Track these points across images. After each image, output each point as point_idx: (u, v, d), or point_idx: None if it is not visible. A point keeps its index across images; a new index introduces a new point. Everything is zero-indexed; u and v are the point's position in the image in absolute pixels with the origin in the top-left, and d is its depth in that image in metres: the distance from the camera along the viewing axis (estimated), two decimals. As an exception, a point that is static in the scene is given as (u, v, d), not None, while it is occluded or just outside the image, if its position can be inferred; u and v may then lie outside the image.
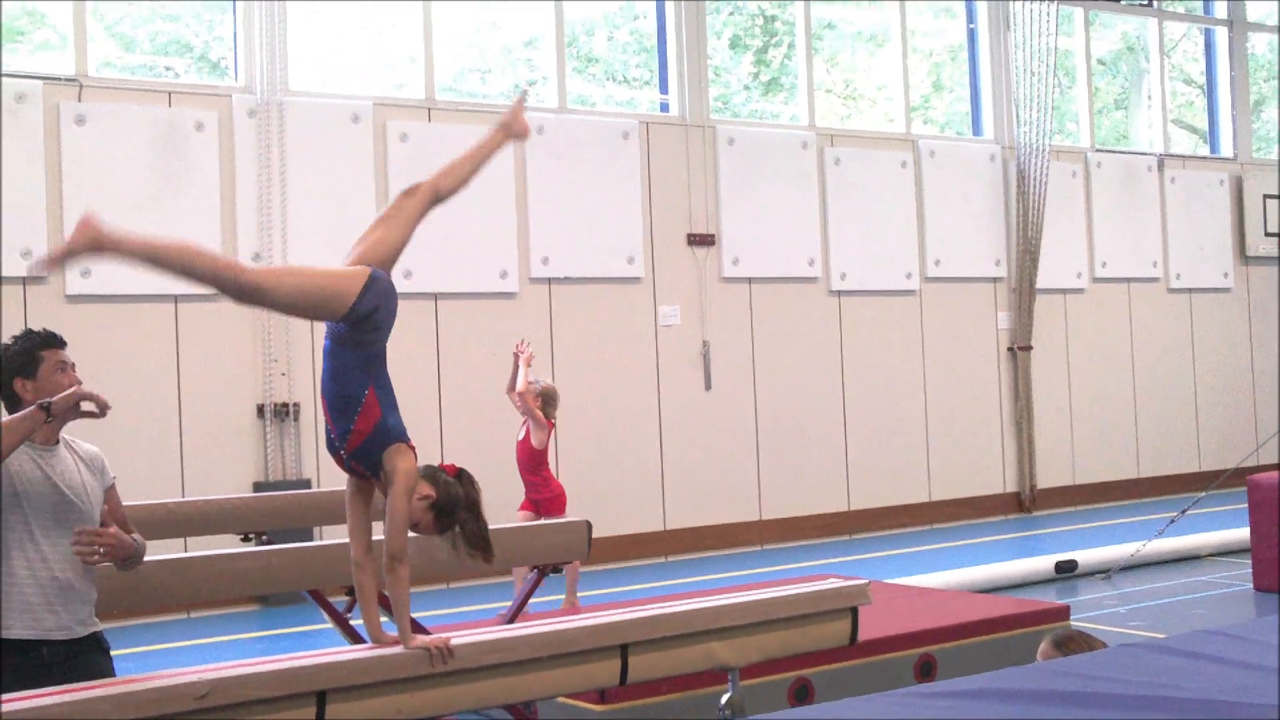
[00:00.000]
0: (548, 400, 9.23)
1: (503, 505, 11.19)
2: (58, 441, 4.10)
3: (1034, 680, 2.57)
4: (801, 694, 6.46)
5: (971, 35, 16.45)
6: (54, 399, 3.87)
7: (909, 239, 15.29)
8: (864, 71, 16.25)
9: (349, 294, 3.95)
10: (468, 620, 8.45)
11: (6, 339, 4.25)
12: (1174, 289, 17.43)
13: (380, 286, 4.03)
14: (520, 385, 9.08)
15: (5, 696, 3.38)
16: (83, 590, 4.05)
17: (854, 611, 5.17)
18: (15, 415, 3.90)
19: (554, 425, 9.45)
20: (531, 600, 6.91)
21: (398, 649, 4.00)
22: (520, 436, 9.40)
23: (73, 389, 3.93)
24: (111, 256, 3.71)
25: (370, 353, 4.01)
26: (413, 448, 4.00)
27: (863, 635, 5.30)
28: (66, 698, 3.39)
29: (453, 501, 4.01)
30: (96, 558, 3.87)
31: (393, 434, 3.96)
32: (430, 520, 4.00)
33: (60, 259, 3.74)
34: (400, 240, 4.27)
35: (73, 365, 4.17)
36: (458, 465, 4.16)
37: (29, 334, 4.20)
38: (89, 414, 3.92)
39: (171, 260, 3.80)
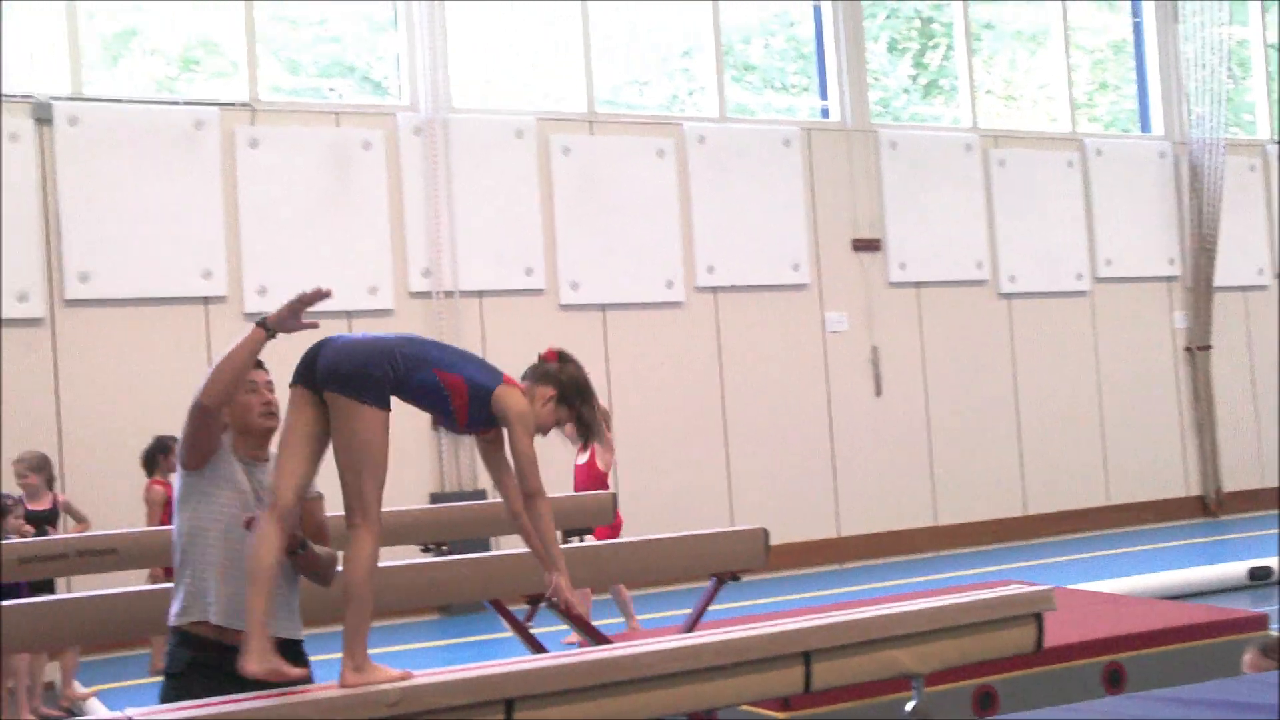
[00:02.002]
0: (606, 422, 8.89)
1: (686, 517, 11.22)
2: (267, 458, 4.26)
3: (1247, 693, 2.42)
4: (985, 702, 6.33)
5: (1137, 29, 16.05)
6: (271, 314, 4.00)
7: (1078, 239, 14.97)
8: (1024, 71, 15.95)
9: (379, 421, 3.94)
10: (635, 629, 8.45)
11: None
12: (1367, 283, 16.74)
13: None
14: None
15: (209, 700, 3.49)
16: (287, 593, 4.16)
17: (1039, 618, 5.03)
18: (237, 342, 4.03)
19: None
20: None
21: (583, 657, 4.01)
22: (583, 460, 8.91)
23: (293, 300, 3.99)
24: None
25: (411, 369, 3.94)
26: (509, 380, 3.97)
27: (1047, 642, 5.15)
28: (266, 702, 3.48)
29: (573, 382, 4.06)
30: None
31: (485, 386, 3.92)
32: (565, 412, 4.05)
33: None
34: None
35: (266, 385, 4.28)
36: (555, 348, 4.18)
37: None
38: (309, 325, 4.03)
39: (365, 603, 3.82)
